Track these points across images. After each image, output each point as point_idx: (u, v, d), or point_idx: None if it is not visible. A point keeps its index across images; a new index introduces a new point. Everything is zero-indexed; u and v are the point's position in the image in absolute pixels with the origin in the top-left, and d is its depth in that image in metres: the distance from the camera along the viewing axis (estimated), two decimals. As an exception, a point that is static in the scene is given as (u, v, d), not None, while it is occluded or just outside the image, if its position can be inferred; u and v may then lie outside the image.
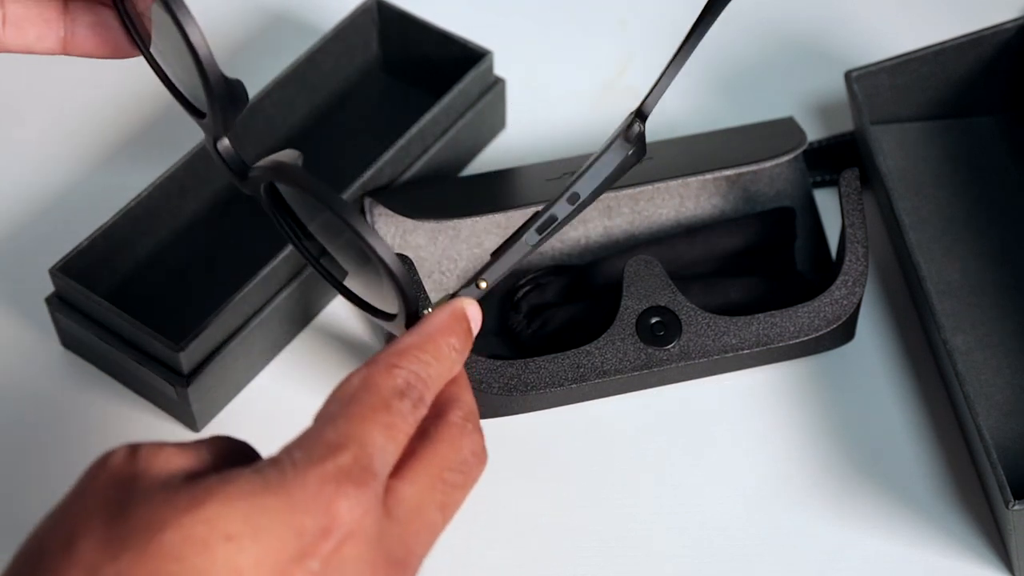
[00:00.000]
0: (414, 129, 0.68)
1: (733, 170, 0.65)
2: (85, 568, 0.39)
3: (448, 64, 0.72)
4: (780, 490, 0.62)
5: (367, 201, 0.67)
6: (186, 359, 0.60)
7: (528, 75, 0.78)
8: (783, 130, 0.69)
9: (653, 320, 0.62)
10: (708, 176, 0.66)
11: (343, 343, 0.67)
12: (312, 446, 0.42)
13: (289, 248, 0.63)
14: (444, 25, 0.73)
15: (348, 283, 0.54)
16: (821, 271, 0.68)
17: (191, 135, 0.71)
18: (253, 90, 0.70)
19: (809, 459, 0.63)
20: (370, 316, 0.53)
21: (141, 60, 0.55)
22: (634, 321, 0.62)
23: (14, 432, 0.64)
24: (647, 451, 0.64)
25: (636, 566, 0.60)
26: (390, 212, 0.67)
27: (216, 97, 0.50)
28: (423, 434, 0.46)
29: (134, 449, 0.42)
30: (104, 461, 0.42)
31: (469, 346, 0.49)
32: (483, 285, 0.51)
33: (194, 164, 0.67)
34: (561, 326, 0.64)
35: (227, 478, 0.41)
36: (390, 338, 0.65)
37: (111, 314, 0.61)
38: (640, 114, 0.53)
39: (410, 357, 0.46)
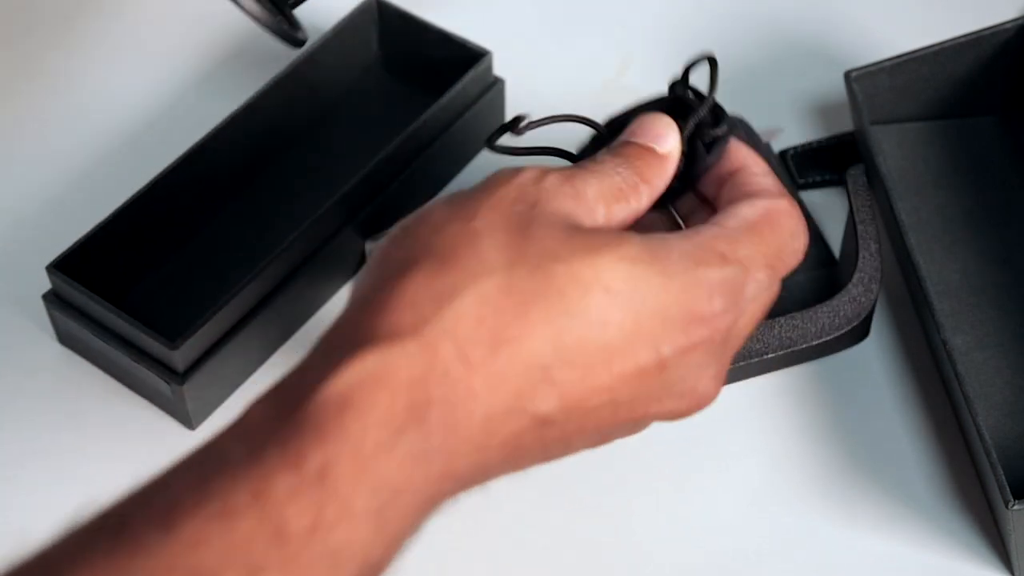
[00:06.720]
0: (414, 129, 0.68)
1: None
2: (484, 267, 0.43)
3: (448, 64, 0.72)
4: (780, 490, 0.62)
5: (365, 200, 0.67)
6: (181, 357, 0.60)
7: (528, 75, 0.78)
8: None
9: None
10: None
11: (341, 342, 0.67)
12: (705, 246, 0.46)
13: (285, 247, 0.63)
14: (444, 25, 0.73)
15: None
16: (821, 270, 0.67)
17: (189, 134, 0.71)
18: (254, 89, 0.70)
19: (809, 459, 0.63)
20: None
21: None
22: None
23: (10, 429, 0.64)
24: (648, 451, 0.63)
25: (637, 566, 0.60)
26: (388, 211, 0.66)
27: None
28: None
29: (542, 175, 0.46)
30: (513, 177, 0.46)
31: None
32: None
33: (191, 163, 0.67)
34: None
35: (621, 239, 0.44)
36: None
37: (107, 312, 0.61)
38: None
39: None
